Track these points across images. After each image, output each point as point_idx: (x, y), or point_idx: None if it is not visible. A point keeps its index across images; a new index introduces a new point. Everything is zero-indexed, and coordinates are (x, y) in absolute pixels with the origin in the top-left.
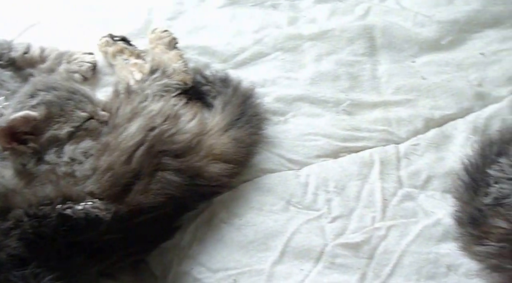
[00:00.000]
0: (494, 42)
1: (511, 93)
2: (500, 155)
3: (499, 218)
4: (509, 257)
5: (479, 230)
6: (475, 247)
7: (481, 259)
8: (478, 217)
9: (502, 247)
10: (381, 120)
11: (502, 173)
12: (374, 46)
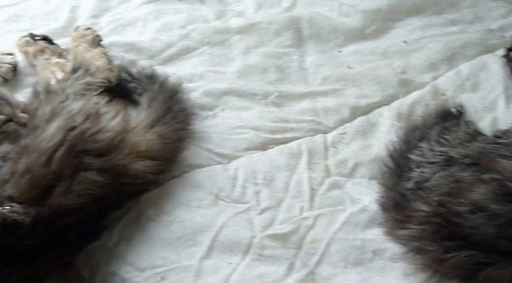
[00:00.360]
0: (417, 30)
1: (434, 80)
2: (422, 140)
3: (420, 201)
4: (430, 239)
5: (402, 214)
6: (399, 231)
7: (405, 243)
8: (401, 201)
9: (423, 230)
10: (309, 111)
11: (423, 157)
12: (301, 37)
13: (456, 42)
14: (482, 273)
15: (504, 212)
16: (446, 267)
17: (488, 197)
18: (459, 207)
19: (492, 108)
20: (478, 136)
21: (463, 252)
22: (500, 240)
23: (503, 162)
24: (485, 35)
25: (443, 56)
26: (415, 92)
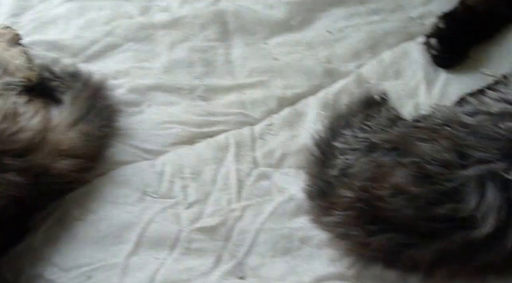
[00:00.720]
0: (340, 19)
1: (358, 68)
2: (346, 128)
3: (344, 187)
4: (354, 224)
5: (327, 201)
6: (325, 218)
7: (330, 229)
8: (326, 188)
9: (347, 215)
10: (236, 103)
11: (346, 144)
12: (227, 30)
13: (379, 31)
14: (404, 254)
15: (423, 194)
16: (369, 250)
17: (408, 180)
18: (381, 191)
19: (414, 94)
20: (399, 121)
21: (385, 235)
22: (420, 221)
23: (421, 145)
24: (406, 23)
25: (366, 45)
26: (340, 81)
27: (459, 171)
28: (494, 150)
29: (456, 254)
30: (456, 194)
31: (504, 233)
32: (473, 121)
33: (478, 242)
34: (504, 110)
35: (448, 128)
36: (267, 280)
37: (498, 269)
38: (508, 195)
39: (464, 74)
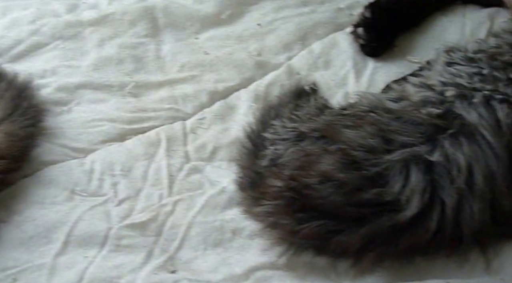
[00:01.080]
0: (270, 12)
1: (288, 60)
2: (276, 118)
3: (273, 177)
4: (283, 213)
5: (258, 192)
6: (255, 208)
7: (261, 219)
8: (257, 179)
9: (277, 204)
10: (167, 98)
11: (276, 135)
12: (157, 26)
13: (308, 22)
14: (333, 240)
15: (350, 180)
16: (300, 238)
17: (335, 166)
18: (309, 179)
19: (343, 84)
20: (326, 110)
21: (314, 222)
22: (348, 207)
23: (347, 132)
24: (334, 14)
25: (296, 37)
26: (271, 73)
27: (384, 155)
28: (417, 134)
29: (383, 237)
30: (381, 178)
31: (428, 214)
32: (397, 107)
33: (403, 225)
34: (425, 96)
35: (373, 114)
36: (199, 273)
37: (424, 250)
38: (431, 177)
39: (392, 62)
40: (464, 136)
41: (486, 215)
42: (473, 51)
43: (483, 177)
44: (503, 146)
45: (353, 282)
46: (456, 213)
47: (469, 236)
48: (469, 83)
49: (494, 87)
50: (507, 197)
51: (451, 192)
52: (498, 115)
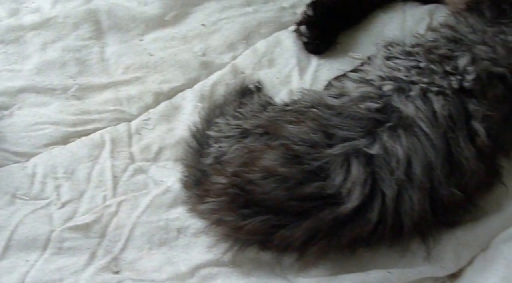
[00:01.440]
0: (214, 12)
1: (233, 59)
2: (220, 116)
3: (217, 174)
4: (227, 209)
5: (202, 189)
6: (200, 206)
7: (206, 217)
8: (201, 177)
9: (221, 201)
10: (112, 100)
11: (220, 133)
12: (101, 29)
13: (252, 21)
14: (277, 235)
15: (292, 174)
16: (244, 234)
17: (277, 161)
18: (252, 174)
19: (288, 82)
20: (269, 107)
21: (258, 218)
22: (291, 202)
23: (289, 127)
24: (278, 13)
25: (240, 36)
26: (216, 73)
27: (325, 149)
28: (357, 128)
29: (326, 230)
30: (323, 172)
31: (369, 206)
32: (337, 103)
33: (345, 217)
34: (364, 91)
35: (314, 110)
36: (143, 273)
37: (366, 241)
38: (372, 169)
39: (334, 59)
40: (402, 129)
41: (426, 204)
42: (411, 45)
43: (422, 168)
44: (440, 137)
45: (298, 275)
46: (396, 203)
47: (410, 226)
48: (406, 76)
49: (430, 80)
50: (446, 187)
51: (391, 183)
52: (435, 107)
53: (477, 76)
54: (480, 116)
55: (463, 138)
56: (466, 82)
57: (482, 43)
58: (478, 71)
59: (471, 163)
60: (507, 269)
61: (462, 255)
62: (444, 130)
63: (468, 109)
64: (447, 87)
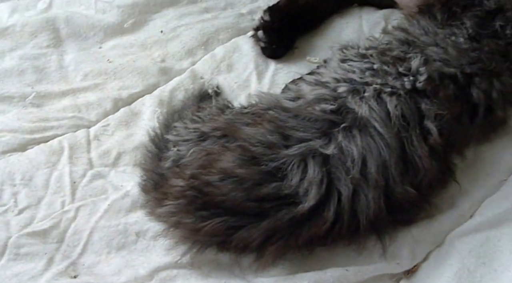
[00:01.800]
0: (173, 19)
1: (192, 65)
2: (178, 120)
3: (176, 177)
4: (186, 212)
5: (161, 192)
6: (158, 209)
7: (164, 219)
8: (160, 181)
9: (180, 204)
10: (70, 107)
11: (178, 136)
12: (59, 37)
13: (211, 28)
14: (235, 236)
15: (250, 175)
16: (202, 235)
17: (235, 163)
18: (210, 176)
19: (246, 86)
20: (227, 110)
21: (216, 219)
22: (249, 202)
23: (246, 129)
24: (236, 19)
25: (199, 42)
26: (175, 78)
27: (282, 150)
28: (313, 130)
29: (283, 230)
30: (280, 172)
31: (325, 205)
32: (293, 105)
33: (302, 217)
34: (319, 93)
35: (271, 112)
36: (102, 277)
37: (323, 240)
38: (328, 169)
39: (292, 63)
40: (357, 130)
41: (381, 203)
42: (365, 48)
43: (376, 167)
44: (394, 136)
45: (256, 276)
46: (352, 202)
47: (366, 224)
48: (361, 78)
49: (384, 81)
50: (400, 185)
51: (347, 183)
52: (388, 108)
53: (429, 76)
54: (432, 116)
55: (416, 137)
56: (418, 83)
57: (434, 45)
58: (430, 72)
59: (424, 161)
60: (461, 264)
61: (418, 251)
62: (398, 130)
63: (420, 109)
64: (400, 88)
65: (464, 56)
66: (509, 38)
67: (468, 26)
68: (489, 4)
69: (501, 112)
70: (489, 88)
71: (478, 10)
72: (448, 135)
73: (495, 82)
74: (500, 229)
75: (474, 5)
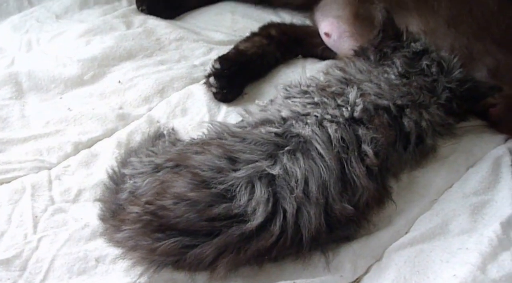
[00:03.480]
0: (130, 71)
1: (149, 111)
2: (134, 156)
3: (132, 204)
4: (142, 234)
5: (118, 220)
6: (117, 235)
7: (122, 244)
8: (117, 209)
9: (136, 228)
10: (32, 151)
11: (134, 170)
12: (21, 90)
13: (166, 77)
14: (189, 254)
15: (201, 198)
16: (158, 255)
17: (187, 187)
18: (164, 201)
19: (199, 128)
20: (178, 142)
21: (171, 239)
22: (201, 223)
23: (196, 157)
24: (190, 70)
25: (155, 90)
26: (132, 123)
27: (231, 173)
28: (259, 152)
29: (234, 244)
30: (229, 193)
31: (271, 221)
32: (241, 131)
33: (251, 232)
34: (266, 115)
35: (219, 140)
36: None
37: (270, 253)
38: (273, 189)
39: (242, 106)
40: (300, 153)
41: (321, 219)
42: (307, 85)
43: (317, 186)
44: (334, 158)
45: None
46: (296, 218)
47: (309, 239)
48: (303, 110)
49: (324, 111)
50: (338, 202)
51: (291, 201)
52: (329, 131)
53: (365, 107)
54: (368, 140)
55: (355, 159)
56: (355, 113)
57: (368, 81)
58: (365, 103)
59: (362, 180)
60: (397, 273)
61: (359, 265)
62: (338, 151)
63: (358, 134)
64: (339, 116)
65: (396, 90)
66: (434, 75)
67: (398, 65)
68: (416, 46)
69: (430, 141)
70: (418, 119)
71: (406, 51)
72: (384, 159)
73: (424, 113)
74: (432, 242)
75: (403, 47)
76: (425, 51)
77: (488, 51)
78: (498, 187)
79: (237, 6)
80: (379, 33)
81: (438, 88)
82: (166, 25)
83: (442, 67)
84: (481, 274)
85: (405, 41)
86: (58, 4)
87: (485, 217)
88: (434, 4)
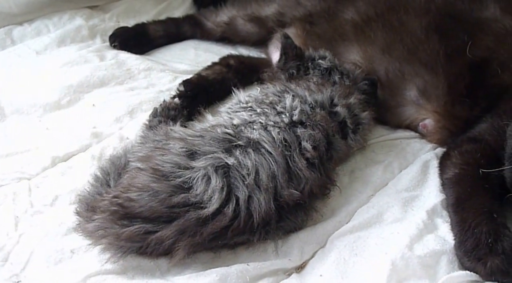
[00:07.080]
0: (103, 96)
1: (119, 129)
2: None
3: (102, 198)
4: (110, 222)
5: (90, 211)
6: (88, 225)
7: (93, 233)
8: (89, 203)
9: (104, 217)
10: (13, 165)
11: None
12: (4, 114)
13: (135, 101)
14: (152, 238)
15: (162, 188)
16: (123, 240)
17: (149, 180)
18: (129, 193)
19: None
20: (147, 144)
21: (135, 225)
22: (162, 209)
23: (156, 154)
24: (157, 95)
25: (125, 112)
26: (105, 140)
27: (188, 167)
28: (216, 145)
29: (191, 228)
30: (187, 185)
31: (225, 206)
32: (201, 131)
33: (207, 217)
34: (219, 120)
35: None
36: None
37: (225, 234)
38: (228, 180)
39: None
40: (251, 149)
41: (271, 203)
42: (246, 102)
43: (267, 176)
44: (280, 154)
45: (174, 275)
46: (248, 204)
47: (261, 224)
48: (250, 118)
49: (266, 119)
50: (286, 189)
51: (244, 189)
52: (273, 134)
53: (302, 109)
54: (306, 137)
55: (296, 155)
56: (294, 116)
57: (299, 86)
58: (302, 106)
59: (304, 172)
60: (338, 255)
61: (306, 250)
62: (282, 150)
63: (298, 134)
64: (280, 121)
65: (322, 90)
66: (348, 84)
67: (316, 78)
68: (325, 63)
69: (362, 115)
70: (347, 102)
71: (318, 68)
72: (325, 150)
73: (350, 98)
74: (369, 230)
75: (308, 65)
76: (333, 67)
77: (417, 73)
78: (426, 184)
79: (200, 43)
80: (282, 56)
81: (352, 90)
82: (136, 57)
83: (349, 76)
84: (408, 251)
85: (312, 59)
86: (39, 42)
87: (414, 208)
88: (371, 35)
